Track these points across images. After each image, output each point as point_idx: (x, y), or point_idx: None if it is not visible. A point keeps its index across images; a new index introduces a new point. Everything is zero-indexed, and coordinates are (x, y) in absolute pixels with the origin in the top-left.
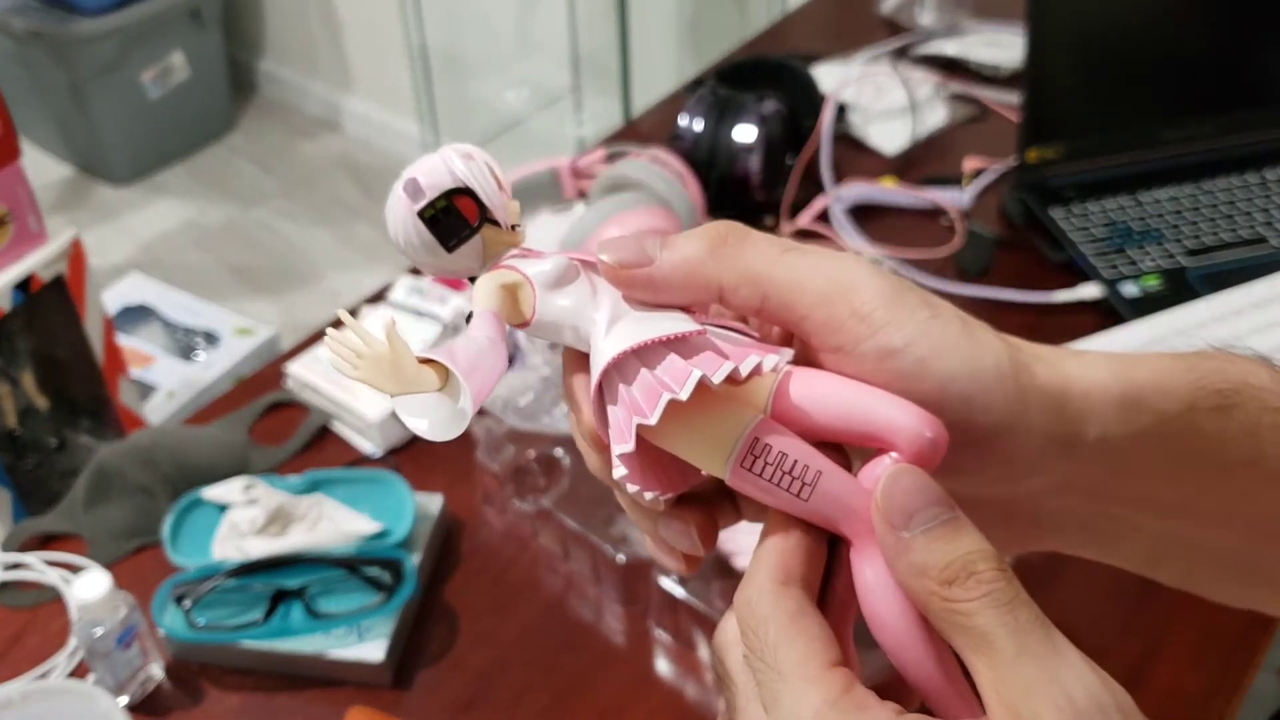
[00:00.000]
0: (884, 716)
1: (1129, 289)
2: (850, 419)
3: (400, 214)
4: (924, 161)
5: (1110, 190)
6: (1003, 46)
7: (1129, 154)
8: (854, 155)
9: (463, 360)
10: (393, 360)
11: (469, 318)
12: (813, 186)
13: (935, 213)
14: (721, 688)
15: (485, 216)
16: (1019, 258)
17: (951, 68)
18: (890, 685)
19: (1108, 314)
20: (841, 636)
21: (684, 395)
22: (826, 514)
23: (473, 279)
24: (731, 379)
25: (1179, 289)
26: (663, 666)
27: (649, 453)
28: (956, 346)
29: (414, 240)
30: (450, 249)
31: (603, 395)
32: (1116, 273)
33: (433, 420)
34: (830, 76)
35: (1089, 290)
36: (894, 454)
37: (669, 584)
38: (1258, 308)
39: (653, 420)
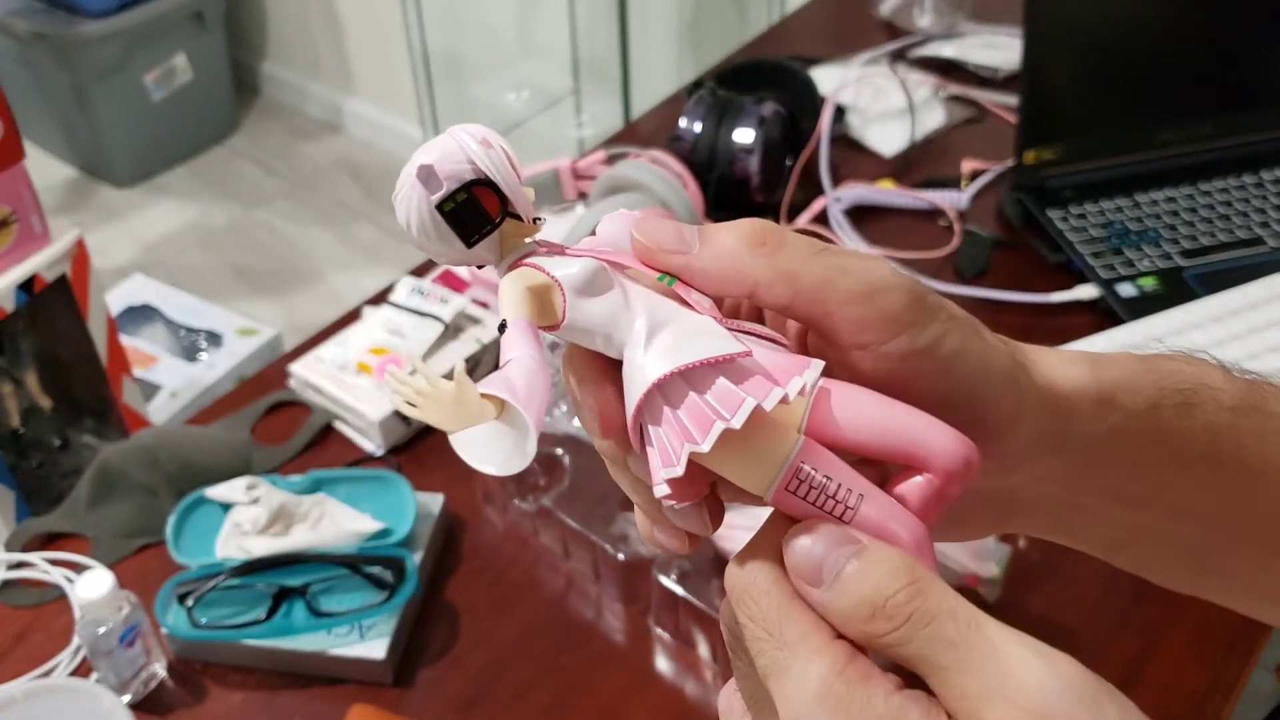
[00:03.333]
0: (886, 687)
1: (1126, 290)
2: (887, 438)
3: (414, 204)
4: (922, 163)
5: (1107, 191)
6: (1000, 48)
7: (1126, 155)
8: (852, 157)
9: (522, 391)
10: (457, 399)
11: (502, 327)
12: (811, 188)
13: (933, 214)
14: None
15: (507, 210)
16: (1017, 259)
17: (949, 70)
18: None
19: (1105, 314)
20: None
21: (738, 424)
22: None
23: (480, 266)
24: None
25: (1176, 290)
26: (663, 664)
27: (686, 470)
28: (973, 349)
29: (429, 231)
30: (471, 244)
31: (640, 412)
32: (1114, 273)
33: (496, 458)
34: (829, 78)
35: (1086, 291)
36: (928, 475)
37: (669, 582)
38: (1254, 308)
39: (705, 448)
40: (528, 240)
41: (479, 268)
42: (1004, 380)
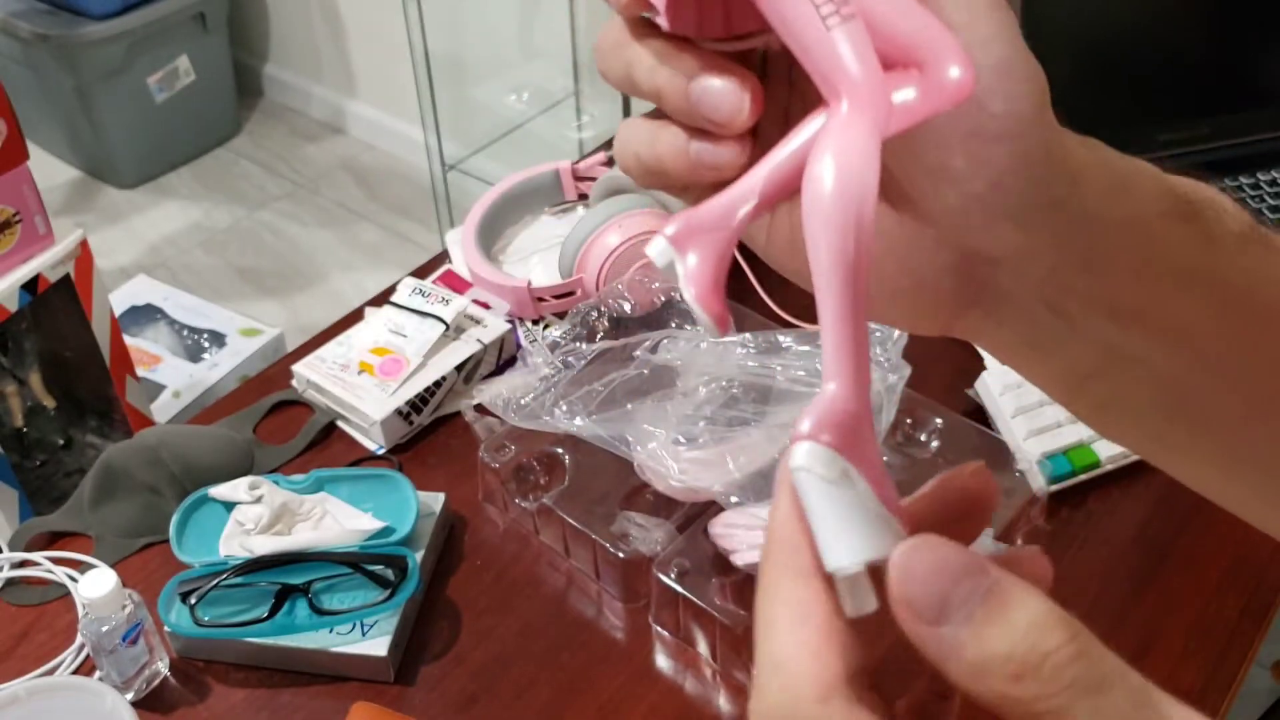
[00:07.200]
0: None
1: None
2: (900, 17)
3: None
4: None
5: None
6: None
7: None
8: None
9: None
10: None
11: None
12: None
13: None
14: None
15: None
16: None
17: None
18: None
19: None
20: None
21: None
22: (834, 62)
23: None
24: None
25: None
26: (663, 662)
27: None
28: (1006, 37)
29: None
30: None
31: None
32: None
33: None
34: None
35: None
36: (918, 84)
37: (669, 580)
38: None
39: None
40: None
41: None
42: (1023, 82)
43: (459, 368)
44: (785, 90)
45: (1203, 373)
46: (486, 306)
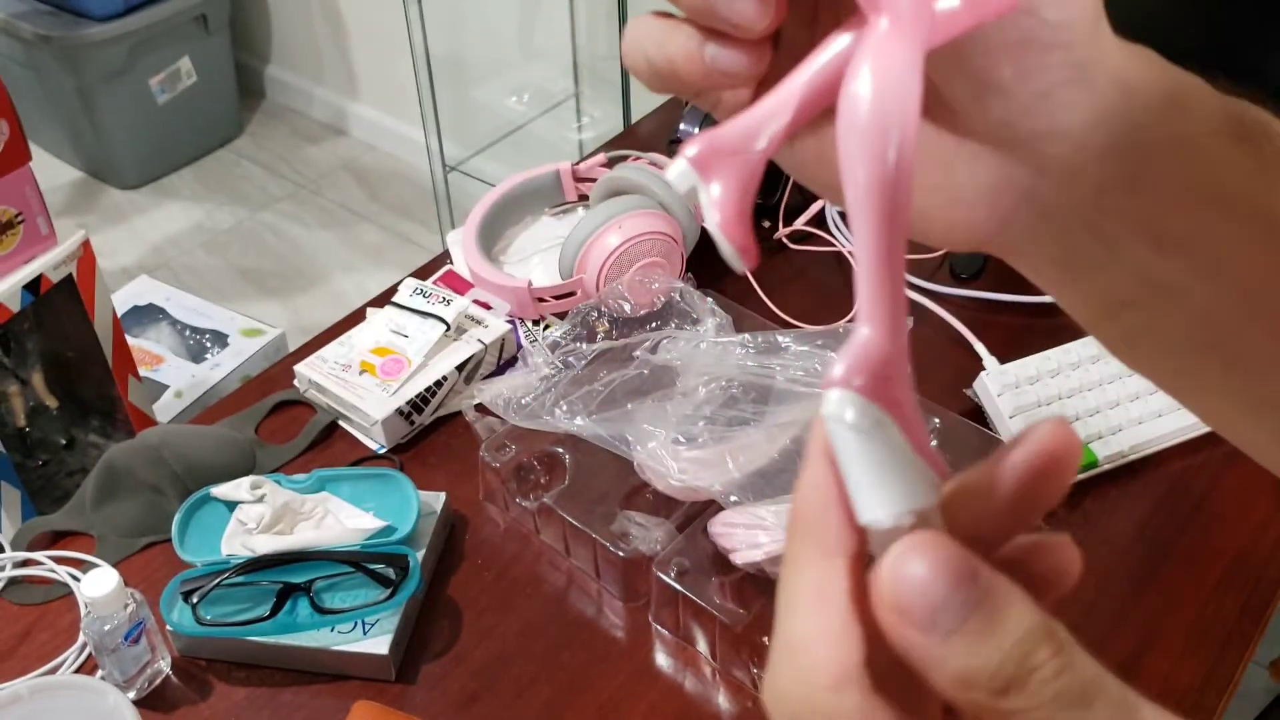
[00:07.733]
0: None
1: None
2: None
3: None
4: None
5: None
6: None
7: None
8: None
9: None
10: None
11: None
12: (809, 190)
13: None
14: None
15: None
16: None
17: None
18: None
19: None
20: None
21: None
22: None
23: None
24: None
25: None
26: (662, 661)
27: None
28: None
29: None
30: None
31: None
32: None
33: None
34: None
35: None
36: None
37: (669, 579)
38: None
39: None
40: None
41: None
42: None
43: (460, 368)
44: None
45: (1241, 306)
46: (487, 307)
